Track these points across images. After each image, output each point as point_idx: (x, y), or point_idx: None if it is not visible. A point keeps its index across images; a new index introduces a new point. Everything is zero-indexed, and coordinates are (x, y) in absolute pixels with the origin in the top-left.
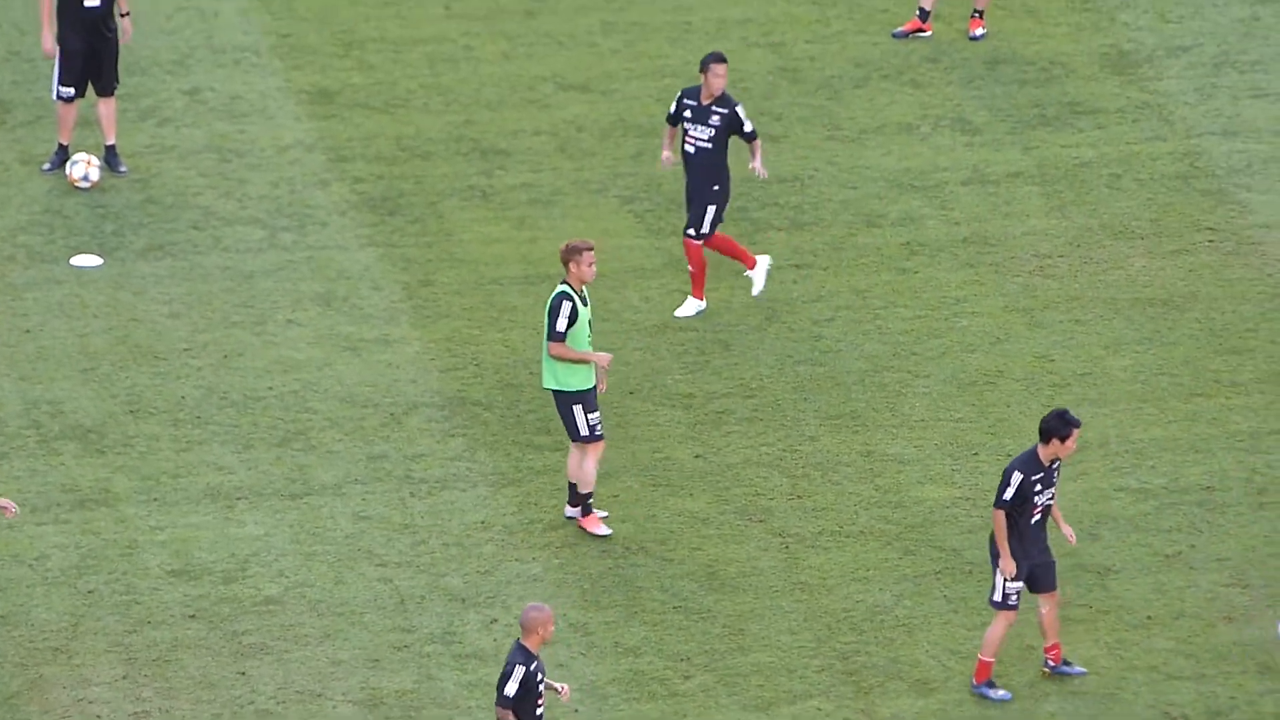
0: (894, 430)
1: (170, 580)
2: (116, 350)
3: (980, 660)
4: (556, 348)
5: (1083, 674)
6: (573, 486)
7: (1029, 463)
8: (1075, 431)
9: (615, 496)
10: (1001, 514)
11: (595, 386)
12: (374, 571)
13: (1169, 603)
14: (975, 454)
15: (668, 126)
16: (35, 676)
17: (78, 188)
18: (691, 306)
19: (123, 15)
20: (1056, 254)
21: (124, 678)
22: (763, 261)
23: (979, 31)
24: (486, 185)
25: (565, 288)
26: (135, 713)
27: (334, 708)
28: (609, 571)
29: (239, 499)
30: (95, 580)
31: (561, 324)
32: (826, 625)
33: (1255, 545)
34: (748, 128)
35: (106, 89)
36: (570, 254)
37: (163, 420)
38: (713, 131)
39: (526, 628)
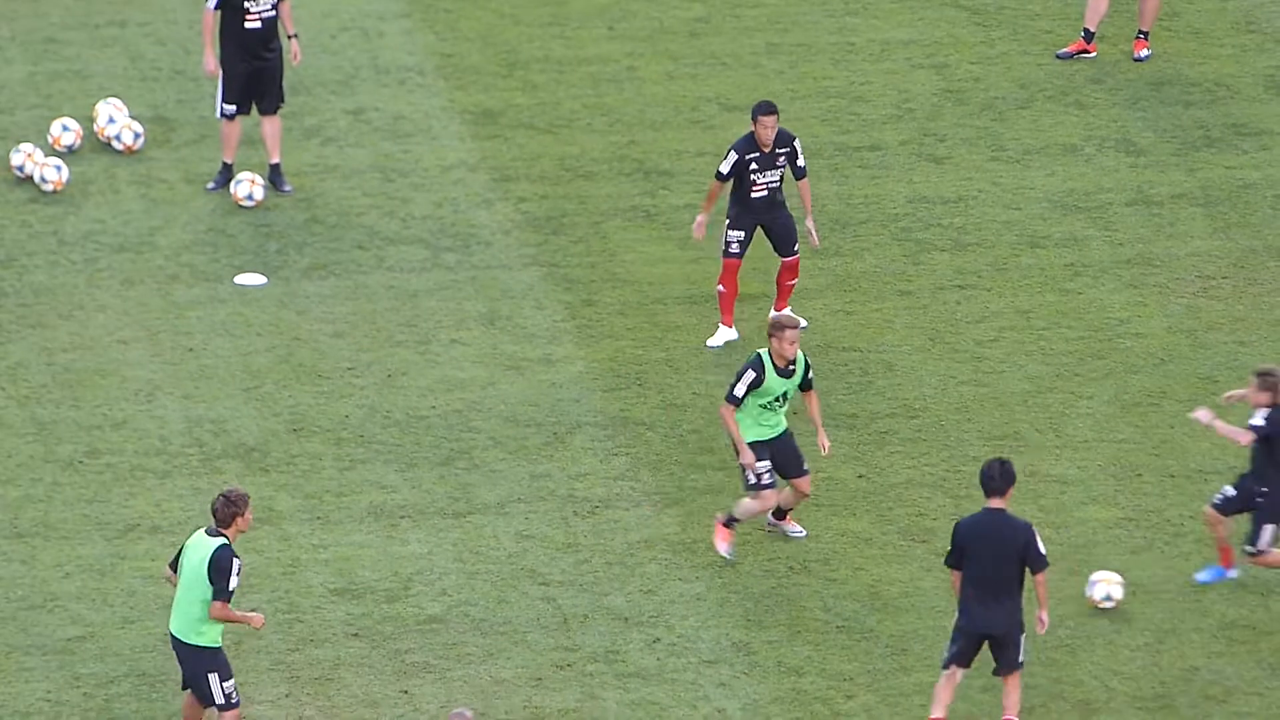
0: (1057, 451)
1: (333, 599)
2: (280, 369)
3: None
4: (726, 410)
5: None
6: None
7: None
8: None
9: None
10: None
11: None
12: (537, 590)
13: None
14: (1139, 475)
15: (716, 183)
16: None
17: (242, 206)
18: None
19: (290, 36)
20: (1220, 275)
21: (286, 695)
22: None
23: (1144, 53)
24: (650, 205)
25: (762, 354)
26: None
27: None
28: (772, 591)
29: (402, 518)
30: (258, 599)
31: (740, 389)
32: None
33: None
34: (801, 162)
35: (270, 108)
36: (774, 329)
37: (326, 439)
38: (780, 171)
39: None
